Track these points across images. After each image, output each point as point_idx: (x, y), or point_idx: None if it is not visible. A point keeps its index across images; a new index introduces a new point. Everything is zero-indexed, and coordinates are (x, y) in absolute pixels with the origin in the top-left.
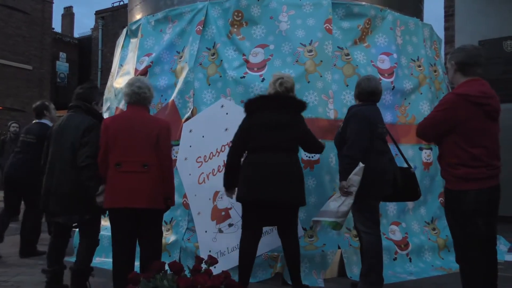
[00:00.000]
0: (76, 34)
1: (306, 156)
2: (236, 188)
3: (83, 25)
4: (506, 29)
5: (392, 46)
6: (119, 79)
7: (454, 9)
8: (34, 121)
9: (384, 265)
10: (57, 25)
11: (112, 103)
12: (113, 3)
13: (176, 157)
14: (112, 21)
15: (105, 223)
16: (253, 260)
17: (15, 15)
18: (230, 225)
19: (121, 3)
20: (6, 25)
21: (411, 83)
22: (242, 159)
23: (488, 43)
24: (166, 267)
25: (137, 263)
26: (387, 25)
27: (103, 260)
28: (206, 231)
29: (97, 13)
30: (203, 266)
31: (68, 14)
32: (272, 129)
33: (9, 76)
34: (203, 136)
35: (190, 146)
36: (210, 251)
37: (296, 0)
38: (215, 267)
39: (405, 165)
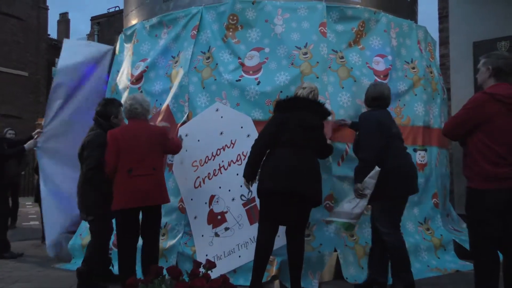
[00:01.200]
0: None
1: None
2: (256, 180)
3: (79, 31)
4: (500, 30)
5: (386, 48)
6: (114, 84)
7: (448, 10)
8: None
9: None
10: (52, 31)
11: None
12: (108, 9)
13: (172, 161)
14: (108, 27)
15: None
16: (269, 254)
17: (10, 22)
18: (226, 229)
19: (117, 9)
20: (1, 31)
21: (405, 84)
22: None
23: (483, 44)
24: (164, 272)
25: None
26: (381, 28)
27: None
28: (202, 235)
29: (93, 19)
30: (201, 270)
31: (64, 20)
32: (306, 128)
33: (5, 82)
34: (198, 140)
35: (186, 150)
36: (207, 255)
37: (291, 4)
38: (212, 271)
39: None
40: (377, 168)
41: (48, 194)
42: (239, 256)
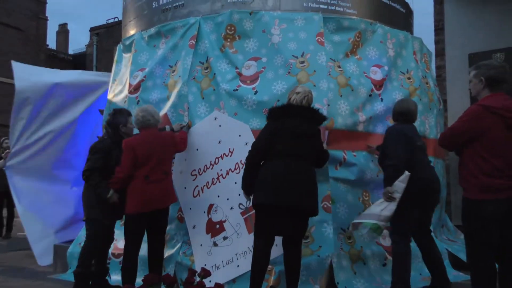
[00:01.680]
0: (70, 51)
1: None
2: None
3: (78, 42)
4: (496, 42)
5: (383, 59)
6: (112, 94)
7: (443, 23)
8: None
9: (374, 270)
10: (52, 41)
11: (105, 116)
12: (107, 20)
13: (173, 170)
14: (107, 38)
15: None
16: (266, 265)
17: (10, 32)
18: (225, 238)
19: (116, 19)
20: (0, 41)
21: (402, 94)
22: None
23: (478, 56)
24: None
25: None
26: (378, 39)
27: None
28: (201, 245)
29: (92, 29)
30: (196, 278)
31: (63, 31)
32: (299, 137)
33: (3, 92)
34: (197, 149)
35: (185, 160)
36: (205, 265)
37: (288, 14)
38: (210, 281)
39: None
40: (407, 173)
41: (25, 210)
42: (238, 266)
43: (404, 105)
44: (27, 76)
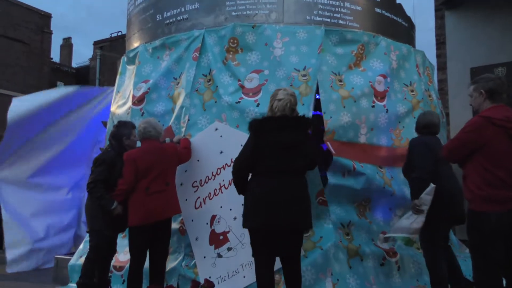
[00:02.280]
0: (74, 64)
1: None
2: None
3: (82, 55)
4: (497, 56)
5: (387, 70)
6: (115, 106)
7: (445, 37)
8: None
9: (370, 269)
10: (56, 55)
11: (109, 128)
12: (111, 34)
13: None
14: (110, 51)
15: None
16: (272, 283)
17: (15, 45)
18: (229, 249)
19: (119, 33)
20: (5, 55)
21: (405, 106)
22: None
23: (480, 70)
24: None
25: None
26: (381, 51)
27: None
28: (204, 257)
29: (96, 43)
30: None
31: (67, 45)
32: (284, 152)
33: (7, 105)
34: (198, 160)
35: (186, 171)
36: (210, 277)
37: (290, 28)
38: None
39: None
40: (432, 185)
41: (10, 218)
42: (244, 277)
43: (427, 117)
44: (22, 101)
